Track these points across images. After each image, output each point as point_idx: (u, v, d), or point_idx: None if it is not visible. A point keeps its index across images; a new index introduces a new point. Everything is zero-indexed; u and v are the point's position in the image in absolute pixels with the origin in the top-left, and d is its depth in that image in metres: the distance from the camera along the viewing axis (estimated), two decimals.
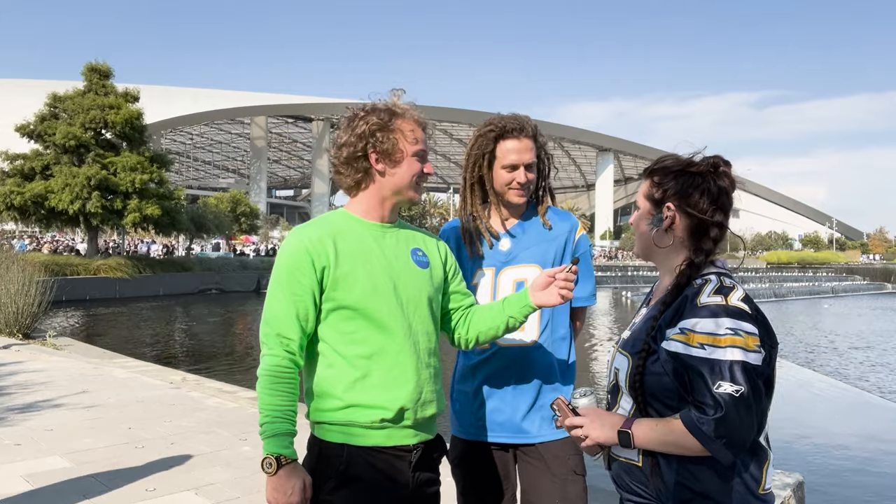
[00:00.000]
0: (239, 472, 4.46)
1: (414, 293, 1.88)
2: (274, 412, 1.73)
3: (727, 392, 1.42)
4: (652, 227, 1.65)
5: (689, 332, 1.48)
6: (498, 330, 2.01)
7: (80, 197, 29.36)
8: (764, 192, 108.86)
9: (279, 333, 1.78)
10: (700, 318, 1.48)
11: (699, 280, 1.57)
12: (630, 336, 1.67)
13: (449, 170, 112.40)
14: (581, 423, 1.61)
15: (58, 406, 6.28)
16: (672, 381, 1.52)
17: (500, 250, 2.22)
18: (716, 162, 1.62)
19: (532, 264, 2.17)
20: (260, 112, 79.55)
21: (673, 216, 1.62)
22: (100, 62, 32.95)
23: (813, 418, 10.06)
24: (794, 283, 43.07)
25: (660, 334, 1.55)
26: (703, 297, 1.52)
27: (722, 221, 1.61)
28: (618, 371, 1.64)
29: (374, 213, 1.90)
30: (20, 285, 11.46)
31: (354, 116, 1.87)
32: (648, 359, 1.55)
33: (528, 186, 2.18)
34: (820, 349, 17.49)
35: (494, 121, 2.18)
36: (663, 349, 1.52)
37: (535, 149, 2.17)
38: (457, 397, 2.28)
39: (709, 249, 1.61)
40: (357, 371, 1.79)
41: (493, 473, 2.19)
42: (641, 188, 1.70)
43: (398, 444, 1.81)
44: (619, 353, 1.67)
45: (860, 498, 6.58)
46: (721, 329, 1.46)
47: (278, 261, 1.84)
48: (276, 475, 1.70)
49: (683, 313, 1.52)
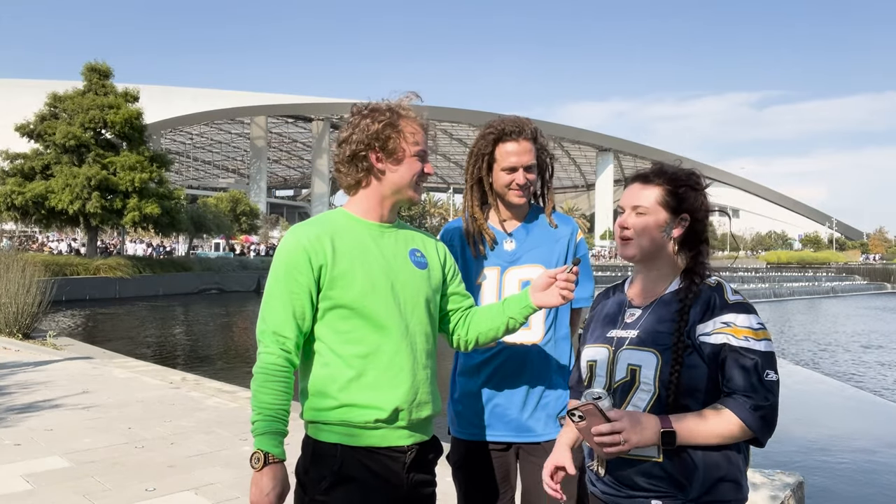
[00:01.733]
0: (239, 472, 4.46)
1: (412, 293, 1.87)
2: (266, 410, 1.73)
3: (772, 380, 1.58)
4: (665, 234, 1.72)
5: (734, 325, 1.60)
6: (498, 331, 2.01)
7: (80, 197, 29.38)
8: (764, 192, 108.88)
9: (275, 332, 1.77)
10: (737, 314, 1.62)
11: (712, 280, 1.70)
12: (644, 333, 1.68)
13: (449, 170, 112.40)
14: (620, 429, 1.54)
15: (58, 406, 6.28)
16: (707, 373, 1.60)
17: (504, 250, 2.24)
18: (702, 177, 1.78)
19: (537, 265, 2.18)
20: (260, 112, 79.51)
21: (686, 226, 1.73)
22: (99, 62, 32.99)
23: (813, 418, 10.05)
24: (794, 283, 43.05)
25: (693, 330, 1.63)
26: (729, 295, 1.66)
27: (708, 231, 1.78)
28: (636, 368, 1.65)
29: (373, 213, 1.90)
30: (20, 285, 11.46)
31: (357, 115, 1.87)
32: (684, 353, 1.61)
33: (528, 188, 2.20)
34: (818, 349, 17.50)
35: (494, 123, 2.20)
36: (707, 342, 1.61)
37: (534, 150, 2.19)
38: (458, 397, 2.27)
39: (707, 253, 1.75)
40: (352, 370, 1.78)
41: (496, 474, 2.19)
42: (648, 193, 1.73)
43: (393, 445, 1.80)
44: (629, 350, 1.68)
45: (860, 498, 6.58)
46: (754, 324, 1.62)
47: (276, 258, 1.84)
48: (261, 472, 1.70)
49: (716, 309, 1.63)
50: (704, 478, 1.58)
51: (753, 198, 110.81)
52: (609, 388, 1.70)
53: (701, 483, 1.58)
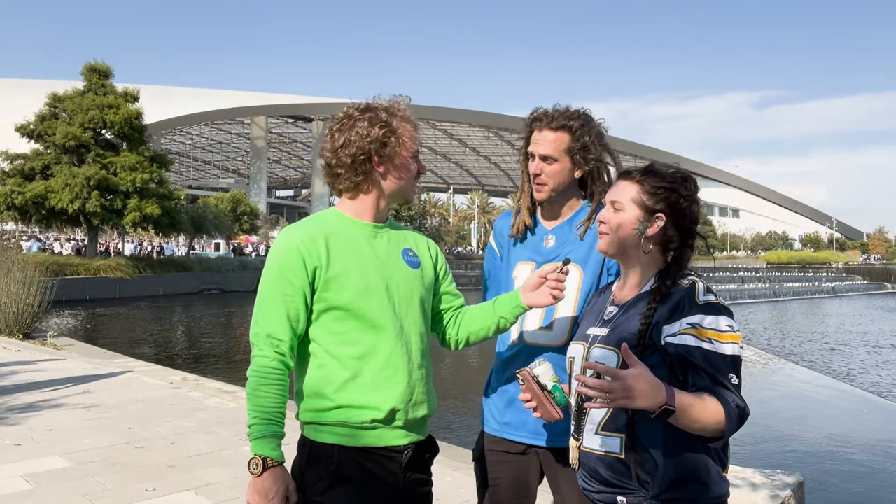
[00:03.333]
0: (239, 472, 4.46)
1: (406, 294, 1.87)
2: (262, 414, 1.73)
3: (735, 383, 1.57)
4: (638, 232, 1.70)
5: (699, 327, 1.59)
6: (489, 330, 2.01)
7: (80, 196, 29.38)
8: (764, 192, 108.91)
9: (269, 334, 1.77)
10: (705, 315, 1.60)
11: (686, 280, 1.68)
12: (612, 332, 1.70)
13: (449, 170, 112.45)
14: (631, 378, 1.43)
15: (58, 406, 6.28)
16: (666, 375, 1.58)
17: (543, 247, 2.17)
18: (692, 178, 1.75)
19: (573, 264, 2.06)
20: (260, 112, 79.53)
21: (662, 226, 1.70)
22: (99, 62, 32.98)
23: (813, 418, 10.05)
24: (794, 283, 43.01)
25: (654, 330, 1.62)
26: (701, 297, 1.63)
27: (699, 232, 1.76)
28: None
29: (367, 214, 1.89)
30: (21, 285, 11.46)
31: (349, 118, 1.85)
32: (644, 353, 1.60)
33: (546, 180, 2.10)
34: (819, 348, 17.50)
35: (532, 112, 2.15)
36: (672, 343, 1.59)
37: (560, 142, 2.07)
38: (487, 391, 2.23)
39: (689, 257, 1.73)
40: (348, 371, 1.78)
41: (512, 473, 2.11)
42: (627, 190, 1.73)
43: (389, 445, 1.80)
44: (598, 348, 1.70)
45: (860, 498, 6.58)
46: (722, 326, 1.59)
47: (269, 260, 1.83)
48: (261, 477, 1.70)
49: (684, 310, 1.61)
50: (664, 476, 1.58)
51: (753, 198, 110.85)
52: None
53: (661, 480, 1.58)
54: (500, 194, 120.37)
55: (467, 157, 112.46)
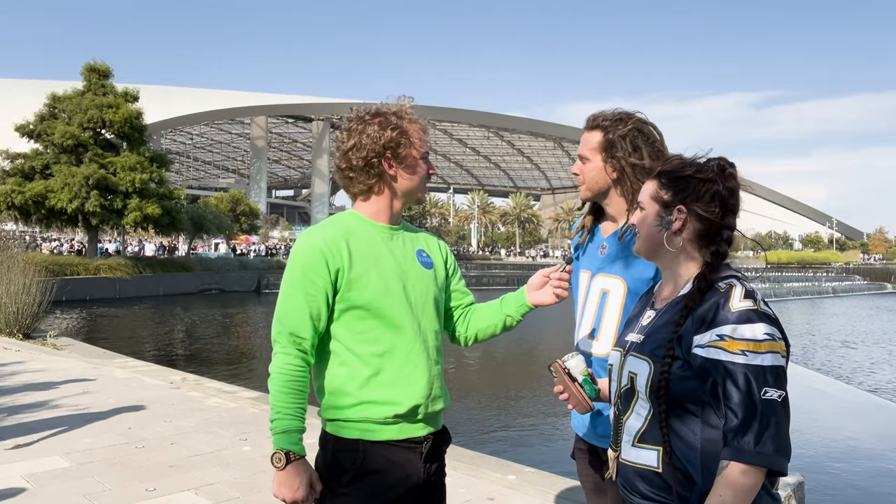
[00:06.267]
0: (239, 472, 4.46)
1: (422, 293, 1.93)
2: (285, 409, 1.78)
3: (772, 398, 1.44)
4: (661, 228, 1.62)
5: (729, 338, 1.46)
6: (496, 328, 2.08)
7: (79, 196, 29.36)
8: (764, 192, 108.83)
9: (292, 332, 1.82)
10: (738, 325, 1.46)
11: (723, 284, 1.54)
12: (646, 340, 1.62)
13: (449, 170, 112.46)
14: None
15: (58, 406, 6.28)
16: (698, 387, 1.49)
17: (598, 255, 2.11)
18: (722, 164, 1.62)
19: (618, 276, 2.03)
20: (260, 112, 79.55)
21: (684, 219, 1.60)
22: (99, 62, 32.94)
23: (813, 418, 10.05)
24: (795, 283, 43.03)
25: (685, 340, 1.52)
26: (736, 303, 1.49)
27: (732, 224, 1.60)
28: (633, 376, 1.60)
29: (382, 216, 1.95)
30: (21, 285, 11.46)
31: (360, 121, 1.89)
32: (674, 364, 1.51)
33: (584, 180, 2.08)
34: (819, 348, 17.49)
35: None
36: (699, 356, 1.48)
37: (591, 141, 2.06)
38: None
39: (724, 252, 1.59)
40: (370, 369, 1.83)
41: (593, 468, 2.07)
42: (647, 189, 1.67)
43: (410, 437, 1.86)
44: (632, 356, 1.62)
45: (860, 498, 6.58)
46: (759, 335, 1.46)
47: (292, 260, 1.87)
48: (285, 470, 1.76)
49: (716, 319, 1.49)
50: (702, 492, 1.48)
51: (753, 198, 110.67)
52: (617, 394, 1.66)
53: (699, 497, 1.49)
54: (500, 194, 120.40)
55: (467, 157, 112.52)
